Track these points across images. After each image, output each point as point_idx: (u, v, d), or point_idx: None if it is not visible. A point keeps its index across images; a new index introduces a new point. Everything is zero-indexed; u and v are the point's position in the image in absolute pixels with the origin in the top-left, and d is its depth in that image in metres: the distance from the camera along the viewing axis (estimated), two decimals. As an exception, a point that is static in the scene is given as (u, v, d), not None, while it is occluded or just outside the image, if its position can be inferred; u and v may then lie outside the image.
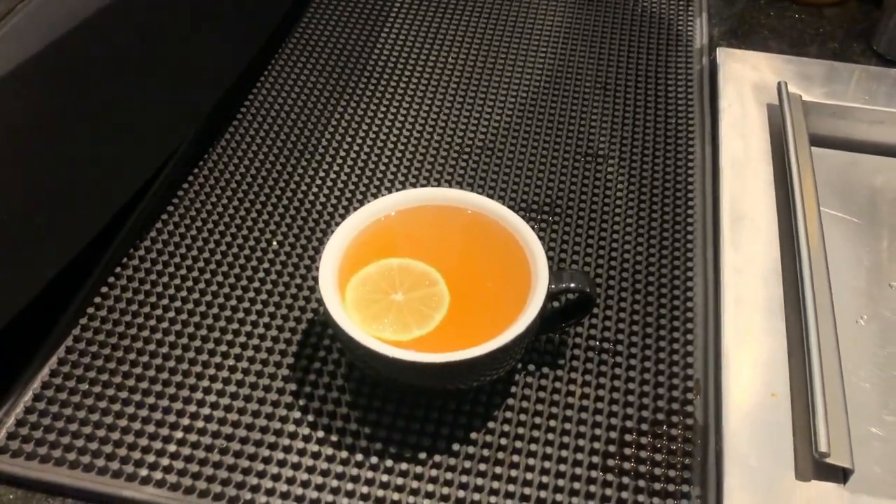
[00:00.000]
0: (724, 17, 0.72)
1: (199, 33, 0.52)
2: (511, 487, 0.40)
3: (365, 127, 0.59)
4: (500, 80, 0.63)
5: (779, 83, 0.58)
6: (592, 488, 0.40)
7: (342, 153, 0.57)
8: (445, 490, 0.40)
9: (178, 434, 0.41)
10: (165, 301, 0.47)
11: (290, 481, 0.40)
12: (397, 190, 0.53)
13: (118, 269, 0.49)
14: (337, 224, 0.46)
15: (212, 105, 0.56)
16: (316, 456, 0.41)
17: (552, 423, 0.42)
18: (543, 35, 0.67)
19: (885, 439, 0.45)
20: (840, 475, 0.40)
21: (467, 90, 0.62)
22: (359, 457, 0.41)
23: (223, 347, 0.45)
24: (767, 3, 0.73)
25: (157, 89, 0.48)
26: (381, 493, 0.39)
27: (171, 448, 0.41)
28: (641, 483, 0.40)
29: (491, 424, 0.42)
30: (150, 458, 0.40)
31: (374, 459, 0.40)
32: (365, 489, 0.39)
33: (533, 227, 0.43)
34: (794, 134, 0.54)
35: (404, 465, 0.40)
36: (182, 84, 0.51)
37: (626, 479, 0.40)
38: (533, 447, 0.41)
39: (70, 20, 0.40)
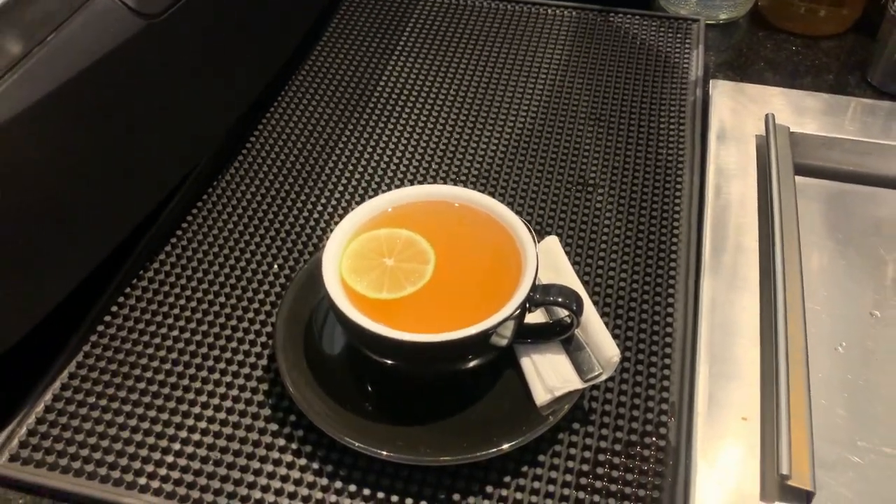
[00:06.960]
0: (722, 49, 0.74)
1: (213, 66, 0.55)
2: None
3: (367, 155, 0.62)
4: (499, 110, 0.66)
5: (766, 115, 0.60)
6: (564, 505, 0.42)
7: (343, 181, 0.59)
8: (424, 504, 0.42)
9: (176, 446, 0.44)
10: (171, 321, 0.50)
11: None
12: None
13: (128, 290, 0.52)
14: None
15: (224, 132, 0.59)
16: (300, 479, 0.43)
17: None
18: (542, 67, 0.70)
19: (855, 465, 0.46)
20: (804, 497, 0.41)
21: (465, 121, 0.65)
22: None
23: (221, 366, 0.48)
24: (765, 36, 0.75)
25: (169, 121, 0.51)
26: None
27: (169, 459, 0.43)
28: (612, 501, 0.42)
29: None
30: (150, 468, 0.43)
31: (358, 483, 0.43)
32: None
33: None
34: (779, 166, 0.56)
35: (387, 481, 0.43)
36: (193, 115, 0.54)
37: (597, 498, 0.42)
38: (510, 465, 0.43)
39: (85, 59, 0.43)
